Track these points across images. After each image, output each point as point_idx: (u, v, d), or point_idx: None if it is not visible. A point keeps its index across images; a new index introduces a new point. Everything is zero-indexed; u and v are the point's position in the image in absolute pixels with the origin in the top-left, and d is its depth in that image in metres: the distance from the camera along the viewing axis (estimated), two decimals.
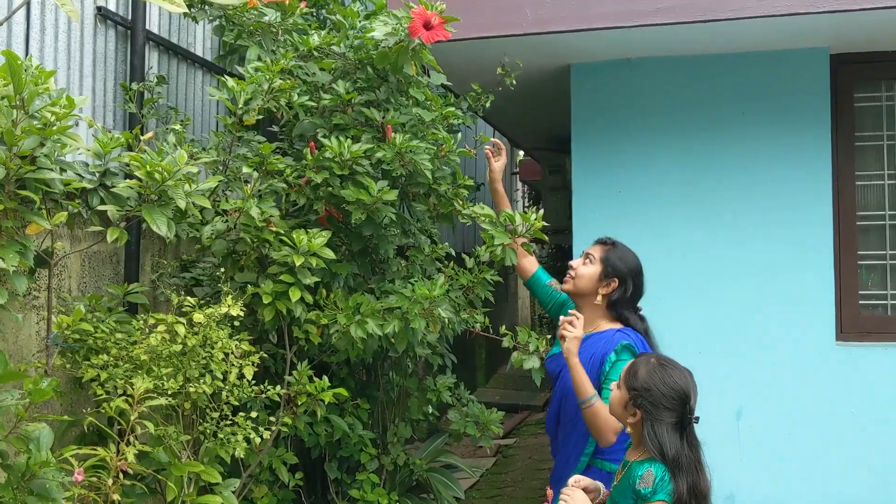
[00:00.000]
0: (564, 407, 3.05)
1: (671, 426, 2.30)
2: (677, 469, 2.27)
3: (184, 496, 2.96)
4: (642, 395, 2.33)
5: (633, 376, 2.38)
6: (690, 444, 2.32)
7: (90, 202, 2.87)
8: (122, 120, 3.71)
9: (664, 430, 2.29)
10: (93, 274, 3.62)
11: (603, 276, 3.10)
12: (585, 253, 3.19)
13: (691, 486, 2.27)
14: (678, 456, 2.27)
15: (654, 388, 2.32)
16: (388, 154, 3.36)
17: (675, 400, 2.31)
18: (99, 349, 2.87)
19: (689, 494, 2.26)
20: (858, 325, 4.35)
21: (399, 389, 4.59)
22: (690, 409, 2.31)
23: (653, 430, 2.30)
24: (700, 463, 2.33)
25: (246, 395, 3.09)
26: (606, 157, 4.62)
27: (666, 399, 2.31)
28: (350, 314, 3.34)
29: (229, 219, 3.13)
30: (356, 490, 4.20)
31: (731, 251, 4.44)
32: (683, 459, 2.28)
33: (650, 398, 2.32)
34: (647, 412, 2.32)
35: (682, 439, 2.30)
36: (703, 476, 2.32)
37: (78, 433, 3.12)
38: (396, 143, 3.33)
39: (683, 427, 2.31)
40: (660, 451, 2.28)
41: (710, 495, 2.33)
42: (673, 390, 2.31)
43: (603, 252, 3.14)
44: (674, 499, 2.26)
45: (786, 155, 4.39)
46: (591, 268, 3.12)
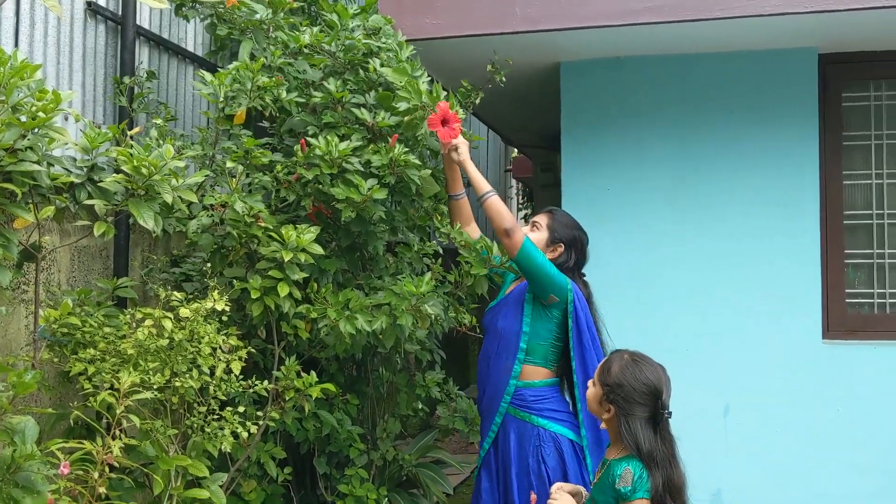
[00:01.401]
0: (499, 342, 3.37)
1: (644, 421, 2.33)
2: (653, 464, 2.30)
3: (171, 490, 2.97)
4: (615, 390, 2.37)
5: (607, 372, 2.43)
6: (664, 438, 2.35)
7: (77, 196, 2.88)
8: (112, 115, 3.72)
9: (638, 426, 2.32)
10: (82, 268, 3.63)
11: (549, 241, 3.36)
12: (532, 221, 3.43)
13: (666, 481, 2.30)
14: (652, 450, 2.31)
15: (626, 383, 2.36)
16: (382, 160, 3.38)
17: (647, 395, 2.34)
18: (87, 343, 2.88)
19: (664, 488, 2.29)
20: (845, 323, 4.38)
21: (388, 385, 4.61)
22: (663, 405, 2.35)
23: (628, 425, 2.33)
24: (674, 457, 2.36)
25: (233, 389, 3.10)
26: (596, 154, 4.64)
27: (638, 394, 2.34)
28: (340, 309, 3.35)
29: (215, 213, 3.14)
30: (345, 485, 4.22)
31: (719, 249, 4.47)
32: (658, 454, 2.31)
33: (623, 393, 2.36)
34: (621, 407, 2.36)
35: (656, 434, 2.33)
36: (677, 470, 2.35)
37: (66, 427, 3.13)
38: (394, 151, 3.36)
39: (657, 422, 2.34)
40: (635, 446, 2.31)
41: (685, 489, 2.36)
42: (645, 385, 2.35)
43: (549, 219, 3.39)
44: (651, 494, 2.29)
45: (774, 154, 4.42)
46: (537, 234, 3.38)
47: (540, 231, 3.41)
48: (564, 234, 3.39)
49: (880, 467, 4.22)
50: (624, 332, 4.05)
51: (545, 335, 3.31)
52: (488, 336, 3.49)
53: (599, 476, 2.45)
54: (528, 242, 3.19)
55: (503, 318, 3.41)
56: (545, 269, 3.21)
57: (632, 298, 4.53)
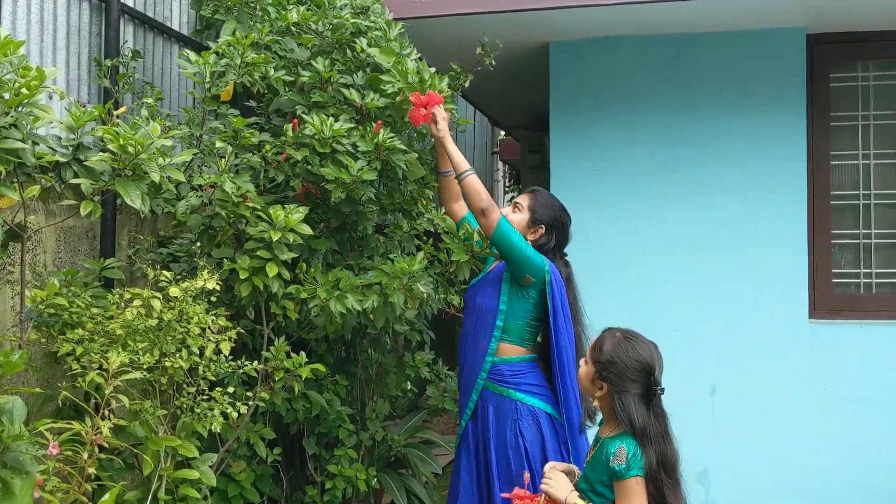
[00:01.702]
0: (477, 320, 3.38)
1: (637, 398, 2.34)
2: (646, 440, 2.31)
3: (161, 470, 2.97)
4: (607, 367, 2.38)
5: (599, 350, 2.44)
6: (657, 415, 2.36)
7: (63, 176, 2.85)
8: (97, 94, 3.68)
9: (631, 402, 2.33)
10: (68, 249, 3.60)
11: (531, 223, 3.37)
12: (514, 202, 3.42)
13: (659, 456, 2.31)
14: (646, 427, 2.32)
15: (618, 360, 2.37)
16: (367, 145, 3.36)
17: (639, 372, 2.35)
18: (74, 324, 2.86)
19: (657, 464, 2.31)
20: (831, 302, 4.41)
21: (378, 366, 4.61)
22: (655, 381, 2.36)
23: (621, 401, 2.34)
24: (667, 433, 2.38)
25: (223, 370, 3.09)
26: (585, 135, 4.63)
27: (630, 371, 2.35)
28: (330, 289, 3.34)
29: (204, 194, 3.12)
30: (334, 465, 4.22)
31: (707, 229, 4.48)
32: (651, 430, 2.32)
33: (615, 370, 2.37)
34: (613, 384, 2.37)
35: (649, 410, 2.35)
36: (670, 446, 2.37)
37: (54, 408, 3.11)
38: (380, 136, 3.33)
39: (649, 398, 2.36)
40: (629, 422, 2.32)
41: (678, 465, 2.38)
42: (637, 362, 2.36)
43: (530, 200, 3.39)
44: (645, 471, 2.30)
45: (762, 134, 4.43)
46: (519, 215, 3.38)
47: (521, 212, 3.40)
48: (546, 216, 3.39)
49: (864, 445, 4.27)
50: (611, 313, 4.07)
51: (522, 314, 3.33)
52: (467, 313, 3.51)
53: (592, 454, 2.46)
54: (503, 222, 3.20)
55: (481, 295, 3.42)
56: (521, 249, 3.21)
57: (619, 280, 4.54)
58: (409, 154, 3.48)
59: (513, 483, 3.19)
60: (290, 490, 4.39)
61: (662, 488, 2.32)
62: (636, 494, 2.29)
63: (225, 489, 3.70)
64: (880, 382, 4.28)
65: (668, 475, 2.33)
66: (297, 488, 4.46)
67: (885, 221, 4.46)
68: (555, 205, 3.44)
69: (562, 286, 3.31)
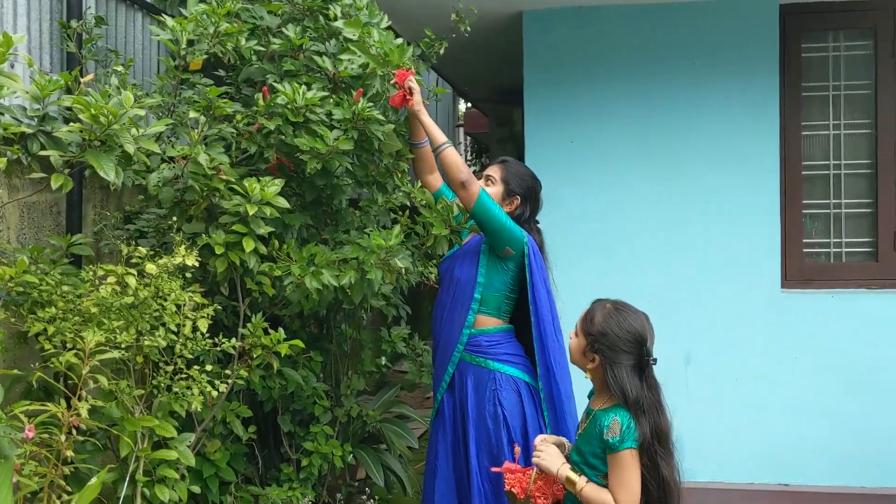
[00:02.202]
0: (454, 292, 3.36)
1: (630, 368, 2.33)
2: (640, 411, 2.30)
3: (138, 451, 2.88)
4: (599, 339, 2.37)
5: (590, 322, 2.41)
6: (650, 385, 2.36)
7: (30, 148, 2.72)
8: (59, 63, 3.53)
9: (624, 374, 2.31)
10: (32, 225, 3.46)
11: (505, 195, 3.33)
12: (485, 175, 3.37)
13: (653, 427, 2.30)
14: (639, 398, 2.30)
15: (610, 331, 2.35)
16: (345, 113, 3.26)
17: (631, 343, 2.34)
18: (44, 302, 2.75)
19: (651, 435, 2.30)
20: (803, 272, 4.45)
21: (352, 342, 4.55)
22: (647, 351, 2.35)
23: (613, 373, 2.32)
24: (660, 404, 2.38)
25: (200, 348, 3.00)
26: (558, 106, 4.59)
27: (622, 342, 2.34)
28: (304, 265, 3.26)
29: (176, 166, 3.01)
30: (310, 442, 4.17)
31: (679, 199, 4.49)
32: (644, 401, 2.31)
33: (607, 342, 2.35)
34: (606, 356, 2.35)
35: (642, 381, 2.33)
36: (663, 416, 2.36)
37: (23, 389, 3.00)
38: (359, 105, 3.24)
39: (642, 369, 2.34)
40: (622, 394, 2.31)
41: (671, 435, 2.38)
42: (629, 333, 2.35)
43: (502, 171, 3.35)
44: (639, 442, 2.29)
45: (735, 105, 4.43)
46: (493, 188, 3.34)
47: (495, 185, 3.37)
48: (519, 186, 3.36)
49: (836, 413, 4.34)
50: (585, 284, 4.07)
51: (499, 287, 3.31)
52: (444, 285, 3.47)
53: (585, 426, 2.45)
54: (483, 194, 3.16)
55: (458, 267, 3.39)
56: (501, 221, 3.18)
57: (592, 250, 4.53)
58: (386, 125, 3.40)
59: (493, 454, 3.17)
60: (265, 468, 4.33)
61: (656, 459, 2.31)
62: (630, 466, 2.28)
63: (200, 469, 3.62)
64: (851, 351, 4.35)
65: (661, 445, 2.33)
66: (272, 466, 4.40)
67: (855, 191, 4.51)
68: (526, 174, 3.41)
69: (540, 259, 3.29)
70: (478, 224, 3.25)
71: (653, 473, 2.30)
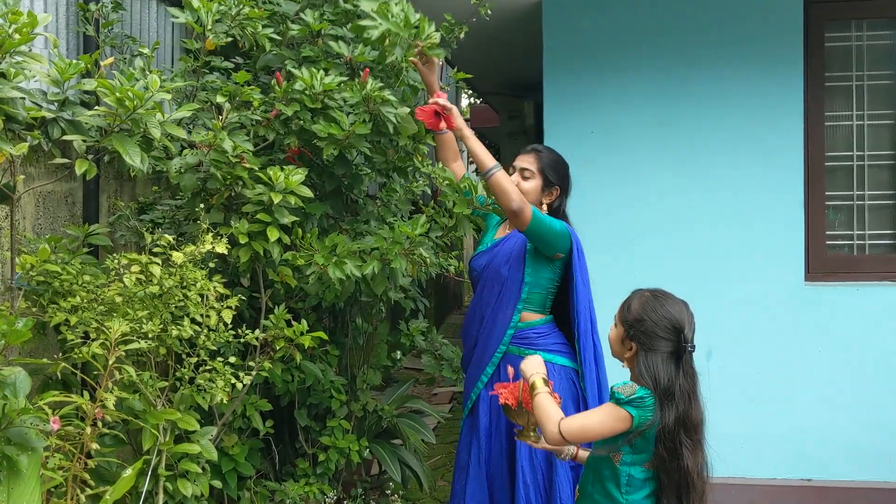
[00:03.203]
0: (499, 291, 3.21)
1: (667, 356, 2.28)
2: (669, 399, 2.25)
3: (160, 445, 2.81)
4: (635, 326, 2.32)
5: (627, 310, 2.38)
6: (686, 373, 2.31)
7: (50, 133, 2.64)
8: (76, 48, 3.45)
9: (659, 360, 2.26)
10: (48, 215, 3.38)
11: (544, 186, 3.22)
12: (520, 168, 3.23)
13: (681, 416, 2.25)
14: (671, 385, 2.26)
15: (646, 318, 2.31)
16: (355, 96, 3.18)
17: (668, 329, 2.29)
18: (65, 292, 2.67)
19: (676, 424, 2.24)
20: (825, 265, 4.40)
21: (366, 336, 4.49)
22: (685, 338, 2.30)
23: (647, 359, 2.27)
24: (695, 393, 2.32)
25: (223, 339, 2.93)
26: (578, 96, 4.52)
27: (660, 328, 2.29)
28: (328, 255, 3.19)
29: (200, 152, 2.93)
30: (327, 437, 4.11)
31: (702, 190, 4.42)
32: (677, 389, 2.26)
33: (643, 328, 2.30)
34: (642, 343, 2.31)
35: (679, 369, 2.28)
36: (696, 406, 2.31)
37: (40, 381, 2.93)
38: (367, 87, 3.15)
39: (679, 356, 2.29)
40: (654, 381, 2.26)
41: (702, 426, 2.33)
42: (666, 319, 2.30)
43: (537, 162, 3.23)
44: (658, 428, 2.24)
45: (758, 94, 4.37)
46: (532, 182, 3.22)
47: (533, 178, 3.24)
48: (556, 176, 3.27)
49: (860, 406, 4.29)
50: (607, 275, 4.00)
51: (545, 284, 3.25)
52: (485, 284, 3.33)
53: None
54: (536, 214, 3.04)
55: (505, 264, 3.27)
56: (554, 232, 3.08)
57: (612, 241, 4.47)
58: (400, 108, 3.29)
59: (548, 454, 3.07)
60: (281, 463, 4.27)
61: (681, 448, 2.26)
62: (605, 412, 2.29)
63: (218, 464, 3.55)
64: (875, 344, 4.29)
65: (688, 436, 2.27)
66: (287, 461, 4.34)
67: (878, 182, 4.45)
68: (560, 161, 3.31)
69: (582, 254, 3.20)
70: (530, 239, 3.16)
71: (672, 462, 2.25)
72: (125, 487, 2.19)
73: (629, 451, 2.32)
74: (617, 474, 2.33)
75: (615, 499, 2.32)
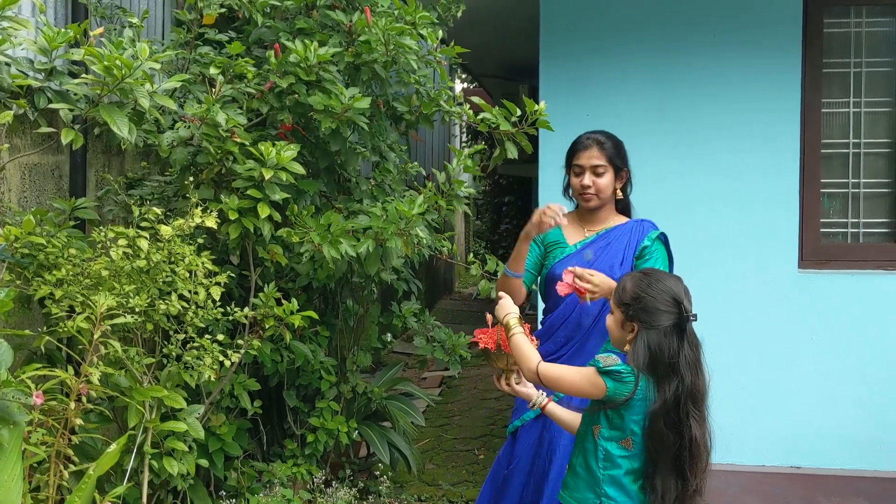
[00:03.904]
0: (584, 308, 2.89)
1: (668, 329, 2.24)
2: (672, 374, 2.22)
3: (146, 422, 2.77)
4: (633, 304, 2.29)
5: (622, 292, 2.34)
6: (691, 343, 2.27)
7: (37, 102, 2.58)
8: (64, 18, 3.37)
9: (661, 336, 2.23)
10: (34, 188, 3.32)
11: (616, 177, 3.05)
12: (590, 167, 3.00)
13: (690, 386, 2.22)
14: (675, 358, 2.22)
15: (644, 294, 2.28)
16: (372, 38, 3.08)
17: (668, 302, 2.26)
18: (50, 265, 2.62)
19: (684, 396, 2.21)
20: (819, 252, 4.37)
21: (357, 317, 4.45)
22: (686, 308, 2.26)
23: (647, 337, 2.24)
24: (699, 362, 2.28)
25: (211, 317, 2.88)
26: (575, 78, 4.47)
27: (660, 302, 2.26)
28: (323, 233, 3.14)
29: (192, 125, 2.87)
30: (315, 418, 4.07)
31: (697, 175, 4.38)
32: (682, 360, 2.23)
33: (642, 305, 2.27)
34: (643, 321, 2.27)
35: (683, 340, 2.25)
36: (701, 376, 2.27)
37: (24, 356, 2.87)
38: (381, 25, 3.05)
39: (682, 328, 2.26)
40: (652, 359, 2.23)
41: (706, 395, 2.29)
42: (663, 292, 2.27)
43: (605, 156, 3.02)
44: (656, 405, 2.22)
45: (756, 80, 4.32)
46: (606, 176, 3.02)
47: (606, 172, 2.99)
48: (622, 160, 3.06)
49: (850, 395, 4.27)
50: None
51: None
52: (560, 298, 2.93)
53: None
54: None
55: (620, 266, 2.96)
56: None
57: None
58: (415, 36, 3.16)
59: None
60: (268, 444, 4.23)
61: (688, 420, 2.23)
62: (584, 373, 2.27)
63: (205, 443, 3.51)
64: (867, 332, 4.27)
65: (695, 406, 2.25)
66: (275, 442, 4.31)
67: (874, 170, 4.42)
68: (619, 142, 3.08)
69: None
70: None
71: (673, 437, 2.22)
72: (109, 463, 2.14)
73: (606, 426, 2.31)
74: (596, 448, 2.33)
75: (594, 472, 2.32)
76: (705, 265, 4.36)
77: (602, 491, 2.29)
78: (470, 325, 9.75)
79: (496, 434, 5.75)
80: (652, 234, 3.01)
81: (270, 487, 3.77)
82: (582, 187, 2.99)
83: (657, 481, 2.25)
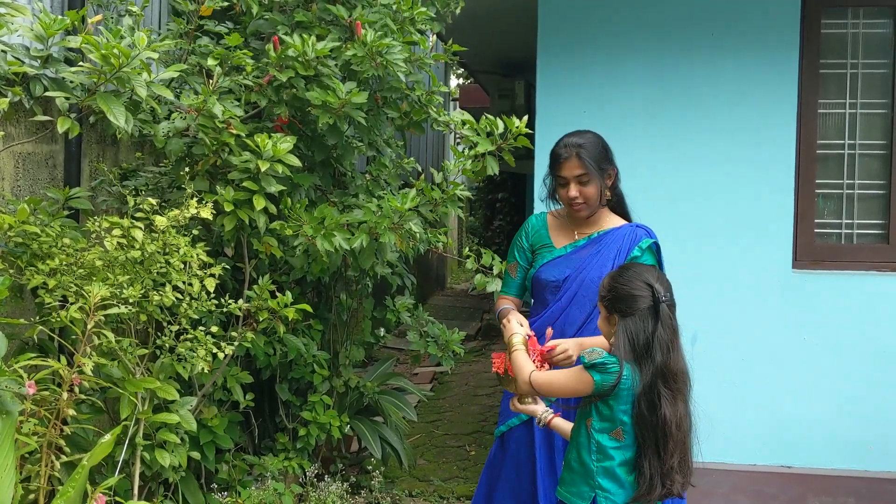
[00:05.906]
0: (579, 303, 2.90)
1: (644, 313, 2.29)
2: (647, 355, 2.26)
3: (138, 414, 2.76)
4: (610, 296, 2.36)
5: (602, 289, 2.42)
6: (665, 325, 2.31)
7: (32, 90, 2.56)
8: (61, 5, 3.35)
9: (637, 321, 2.29)
10: (27, 177, 3.30)
11: (600, 179, 2.92)
12: (573, 177, 2.90)
13: (660, 366, 2.25)
14: (648, 339, 2.26)
15: (618, 285, 2.36)
16: (358, 52, 3.10)
17: (641, 286, 2.32)
18: (44, 255, 2.60)
19: (654, 376, 2.24)
20: (813, 252, 4.38)
21: (350, 312, 4.44)
22: (657, 290, 2.31)
23: (626, 325, 2.29)
24: (674, 343, 2.33)
25: (205, 308, 2.87)
26: (572, 75, 4.46)
27: (632, 287, 2.33)
28: (316, 226, 3.13)
29: (188, 116, 2.86)
30: (308, 412, 4.06)
31: (692, 173, 4.38)
32: (655, 341, 2.26)
33: (618, 294, 2.34)
34: (621, 311, 2.32)
35: (657, 321, 2.29)
36: (675, 356, 2.31)
37: (16, 346, 2.86)
38: (368, 40, 3.08)
39: (656, 310, 2.29)
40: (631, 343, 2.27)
41: (684, 376, 2.33)
42: (635, 279, 2.35)
43: (586, 164, 2.89)
44: (637, 390, 2.25)
45: (753, 79, 4.32)
46: (592, 184, 2.90)
47: (591, 180, 2.88)
48: (606, 160, 2.96)
49: (842, 395, 4.28)
50: None
51: None
52: (575, 296, 2.93)
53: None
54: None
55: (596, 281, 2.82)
56: None
57: None
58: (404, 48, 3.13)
59: None
60: (260, 438, 4.23)
61: (659, 400, 2.25)
62: (574, 374, 2.33)
63: (197, 435, 3.50)
64: (859, 333, 4.28)
65: (667, 385, 2.27)
66: (266, 435, 4.30)
67: (869, 172, 4.43)
68: (598, 143, 2.97)
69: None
70: None
71: (651, 418, 2.24)
72: (102, 454, 2.13)
73: (597, 418, 2.35)
74: (589, 441, 2.37)
75: (588, 466, 2.36)
76: (699, 264, 4.36)
77: (596, 483, 2.32)
78: (462, 320, 9.77)
79: (487, 430, 5.75)
80: (644, 243, 2.93)
81: (262, 481, 3.76)
82: (570, 199, 2.90)
83: (644, 463, 2.28)
